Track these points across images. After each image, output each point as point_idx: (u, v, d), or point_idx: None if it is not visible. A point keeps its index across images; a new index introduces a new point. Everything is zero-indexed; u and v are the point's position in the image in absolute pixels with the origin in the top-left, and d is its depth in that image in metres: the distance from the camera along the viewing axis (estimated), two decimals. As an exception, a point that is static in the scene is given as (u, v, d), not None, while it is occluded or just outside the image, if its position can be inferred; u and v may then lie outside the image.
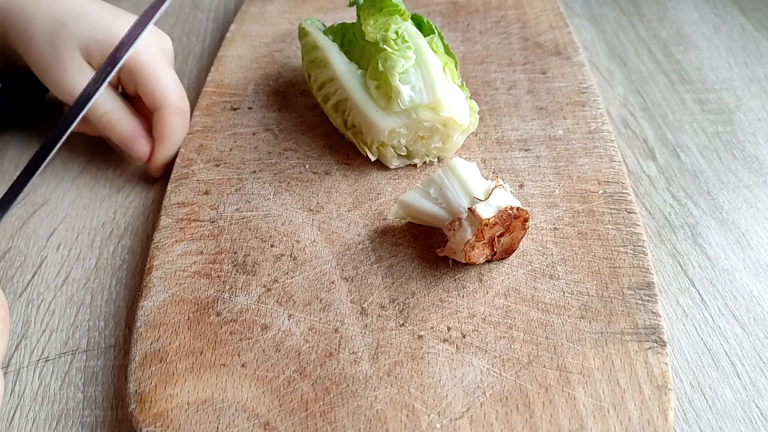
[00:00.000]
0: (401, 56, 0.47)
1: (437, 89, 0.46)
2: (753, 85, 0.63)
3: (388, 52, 0.47)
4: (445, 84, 0.47)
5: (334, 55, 0.51)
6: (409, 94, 0.46)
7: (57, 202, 0.53)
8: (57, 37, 0.50)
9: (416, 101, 0.46)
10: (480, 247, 0.41)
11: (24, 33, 0.50)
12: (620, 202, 0.46)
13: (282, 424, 0.36)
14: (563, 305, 0.41)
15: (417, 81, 0.47)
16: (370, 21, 0.50)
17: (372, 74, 0.48)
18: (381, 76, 0.47)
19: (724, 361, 0.41)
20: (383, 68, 0.47)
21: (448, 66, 0.49)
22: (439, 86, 0.47)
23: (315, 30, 0.55)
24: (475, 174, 0.42)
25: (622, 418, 0.35)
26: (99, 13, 0.52)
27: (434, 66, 0.47)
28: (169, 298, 0.42)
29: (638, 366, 0.37)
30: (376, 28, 0.49)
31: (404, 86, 0.46)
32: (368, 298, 0.42)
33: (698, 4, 0.75)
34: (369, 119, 0.48)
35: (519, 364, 0.38)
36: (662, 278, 0.46)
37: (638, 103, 0.61)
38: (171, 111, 0.52)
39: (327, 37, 0.54)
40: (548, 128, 0.53)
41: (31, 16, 0.50)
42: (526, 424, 0.35)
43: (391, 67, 0.46)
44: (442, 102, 0.46)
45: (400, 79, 0.46)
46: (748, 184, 0.53)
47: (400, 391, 0.37)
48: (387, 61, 0.47)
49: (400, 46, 0.47)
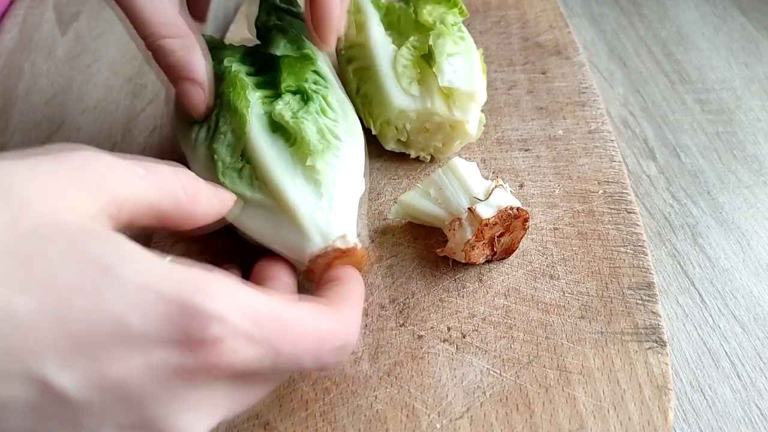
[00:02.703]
0: (453, 40, 0.47)
1: (476, 82, 0.47)
2: (753, 85, 0.63)
3: (443, 30, 0.47)
4: (482, 84, 0.48)
5: (373, 23, 0.51)
6: (451, 75, 0.47)
7: (57, 202, 0.53)
8: None
9: (455, 83, 0.46)
10: (480, 247, 0.41)
11: None
12: (620, 202, 0.46)
13: (282, 424, 0.36)
14: (563, 305, 0.41)
15: (461, 68, 0.47)
16: (428, 6, 0.51)
17: (408, 50, 0.48)
18: (422, 51, 0.47)
19: (724, 361, 0.41)
20: (432, 44, 0.47)
21: (485, 74, 0.50)
22: (478, 82, 0.47)
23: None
24: (475, 174, 0.42)
25: (622, 418, 0.35)
26: None
27: (478, 65, 0.48)
28: (169, 298, 0.42)
29: (638, 366, 0.37)
30: (432, 13, 0.50)
31: (449, 66, 0.47)
32: (368, 298, 0.42)
33: (698, 4, 0.75)
34: (385, 92, 0.48)
35: (519, 364, 0.38)
36: (662, 278, 0.46)
37: (638, 103, 0.61)
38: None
39: (371, 6, 0.54)
40: (548, 128, 0.53)
41: None
42: (526, 424, 0.35)
43: (441, 45, 0.47)
44: (476, 95, 0.47)
45: (447, 59, 0.47)
46: (748, 184, 0.53)
47: (400, 391, 0.37)
48: (439, 37, 0.47)
49: (455, 33, 0.48)
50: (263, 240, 0.39)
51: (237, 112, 0.40)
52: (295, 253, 0.38)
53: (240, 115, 0.40)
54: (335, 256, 0.37)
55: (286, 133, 0.40)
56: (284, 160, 0.39)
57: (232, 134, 0.40)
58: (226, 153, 0.40)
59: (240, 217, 0.39)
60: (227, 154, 0.40)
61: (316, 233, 0.38)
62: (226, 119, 0.41)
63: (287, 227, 0.38)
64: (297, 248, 0.38)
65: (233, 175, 0.39)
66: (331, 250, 0.37)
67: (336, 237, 0.38)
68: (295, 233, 0.38)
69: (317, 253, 0.37)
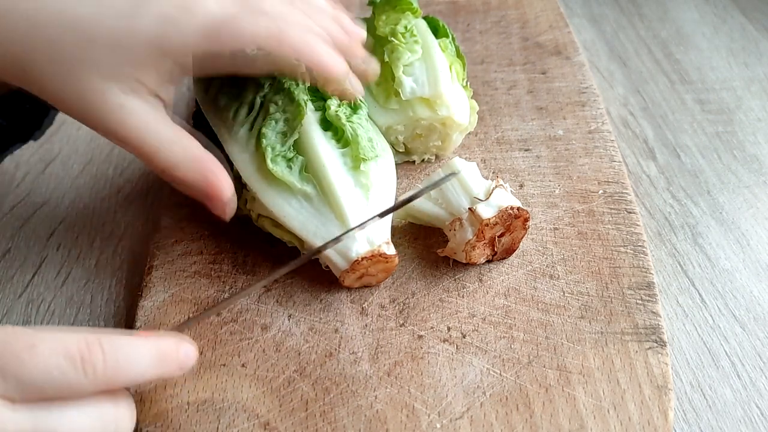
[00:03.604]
0: (408, 49, 0.47)
1: (440, 84, 0.47)
2: (753, 85, 0.63)
3: (395, 44, 0.47)
4: (448, 81, 0.47)
5: None
6: (411, 86, 0.47)
7: (57, 202, 0.53)
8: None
9: (417, 93, 0.47)
10: (481, 247, 0.41)
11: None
12: (620, 202, 0.46)
13: (282, 424, 0.36)
14: (563, 305, 0.41)
15: (421, 74, 0.47)
16: (382, 16, 0.50)
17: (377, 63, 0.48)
18: (383, 71, 0.47)
19: (724, 361, 0.41)
20: (388, 59, 0.47)
21: (455, 66, 0.49)
22: (442, 81, 0.47)
23: None
24: (476, 174, 0.42)
25: (622, 418, 0.35)
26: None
27: (440, 62, 0.48)
28: (169, 298, 0.42)
29: (638, 366, 0.37)
30: (387, 23, 0.49)
31: (407, 78, 0.47)
32: (368, 298, 0.42)
33: (698, 4, 0.75)
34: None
35: (519, 364, 0.38)
36: (662, 278, 0.46)
37: (638, 103, 0.61)
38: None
39: None
40: (548, 128, 0.53)
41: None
42: (526, 424, 0.35)
43: (396, 59, 0.47)
44: (443, 96, 0.46)
45: (404, 71, 0.47)
46: (748, 184, 0.53)
47: (400, 391, 0.37)
48: (393, 52, 0.47)
49: (408, 39, 0.48)
50: (304, 232, 0.40)
51: (294, 101, 0.41)
52: (339, 252, 0.39)
53: (298, 105, 0.41)
54: (377, 261, 0.39)
55: (338, 133, 0.41)
56: (337, 161, 0.40)
57: (285, 123, 0.41)
58: (276, 140, 0.41)
59: (283, 207, 0.40)
60: (277, 141, 0.40)
61: (362, 236, 0.39)
62: (279, 106, 0.41)
63: (334, 224, 0.39)
64: (342, 248, 0.39)
65: (283, 164, 0.40)
66: (377, 254, 0.38)
67: (381, 242, 0.39)
68: (342, 231, 0.38)
69: (363, 255, 0.38)
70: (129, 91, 0.35)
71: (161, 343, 0.30)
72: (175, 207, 0.48)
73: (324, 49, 0.37)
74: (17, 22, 0.34)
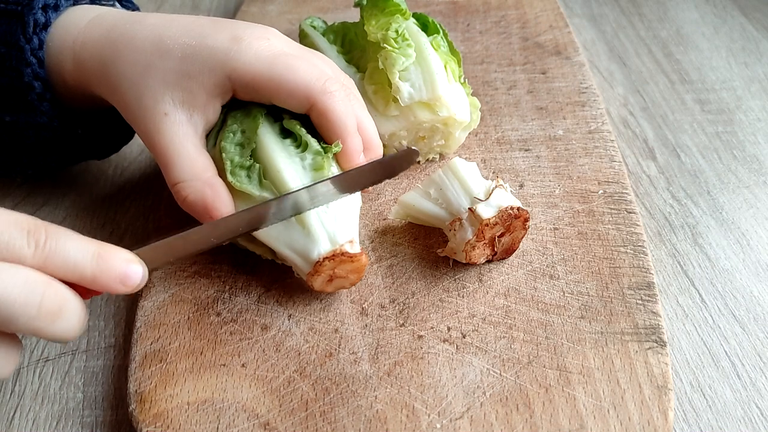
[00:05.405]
0: (401, 54, 0.47)
1: (437, 86, 0.46)
2: (753, 85, 0.63)
3: (388, 51, 0.47)
4: (445, 81, 0.47)
5: (332, 58, 0.51)
6: (409, 91, 0.47)
7: (57, 202, 0.53)
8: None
9: (415, 98, 0.46)
10: (481, 247, 0.41)
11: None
12: (620, 202, 0.46)
13: (282, 424, 0.36)
14: (563, 305, 0.41)
15: (417, 78, 0.47)
16: (372, 21, 0.50)
17: (371, 77, 0.48)
18: (379, 78, 0.47)
19: (724, 361, 0.41)
20: (383, 66, 0.47)
21: (450, 64, 0.49)
22: (439, 83, 0.47)
23: (313, 32, 0.55)
24: (476, 174, 0.42)
25: (622, 418, 0.35)
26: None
27: (435, 64, 0.47)
28: (169, 298, 0.42)
29: (638, 366, 0.37)
30: (378, 28, 0.49)
31: (404, 83, 0.47)
32: (368, 298, 0.42)
33: (698, 4, 0.75)
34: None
35: (519, 364, 0.38)
36: (662, 278, 0.46)
37: (638, 103, 0.61)
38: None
39: (326, 39, 0.53)
40: (548, 128, 0.53)
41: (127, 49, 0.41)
42: (526, 424, 0.35)
43: (391, 65, 0.46)
44: (441, 98, 0.46)
45: (400, 77, 0.46)
46: (748, 184, 0.53)
47: (400, 391, 0.37)
48: (387, 59, 0.47)
49: (401, 44, 0.47)
50: (269, 239, 0.40)
51: (250, 113, 0.42)
52: (301, 254, 0.38)
53: (253, 117, 0.41)
54: (341, 261, 0.38)
55: (297, 139, 0.41)
56: (294, 164, 0.40)
57: (242, 134, 0.41)
58: (235, 151, 0.41)
59: None
60: (236, 153, 0.41)
61: (323, 236, 0.38)
62: (237, 118, 0.42)
63: (294, 228, 0.39)
64: (304, 249, 0.38)
65: (241, 174, 0.40)
66: (339, 254, 0.38)
67: (344, 241, 0.38)
68: (302, 235, 0.38)
69: (325, 255, 0.37)
70: (178, 103, 0.40)
71: (105, 247, 0.33)
72: (175, 207, 0.48)
73: (357, 137, 0.41)
74: (117, 39, 0.41)
